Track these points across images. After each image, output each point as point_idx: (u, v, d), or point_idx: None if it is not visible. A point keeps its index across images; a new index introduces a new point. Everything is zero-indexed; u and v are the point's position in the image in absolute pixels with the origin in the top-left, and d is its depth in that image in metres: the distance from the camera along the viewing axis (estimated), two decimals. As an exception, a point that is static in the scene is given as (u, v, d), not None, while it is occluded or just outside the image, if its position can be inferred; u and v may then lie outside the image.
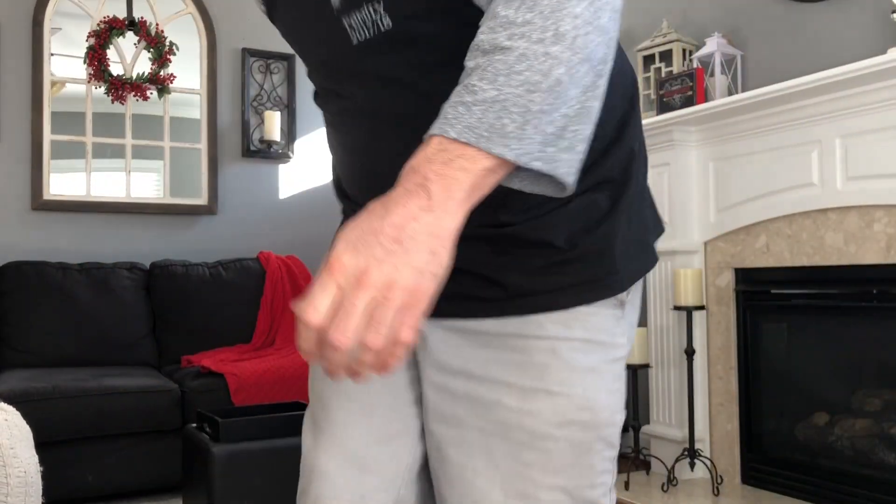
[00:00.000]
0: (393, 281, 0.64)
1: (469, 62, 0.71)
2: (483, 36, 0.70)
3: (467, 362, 0.87)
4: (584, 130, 0.72)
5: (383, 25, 0.80)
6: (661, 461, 3.10)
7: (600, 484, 0.89)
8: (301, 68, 4.31)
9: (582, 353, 0.85)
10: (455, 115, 0.68)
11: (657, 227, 0.96)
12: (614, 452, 0.91)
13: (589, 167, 0.80)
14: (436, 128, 0.69)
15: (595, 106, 0.73)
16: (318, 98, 0.98)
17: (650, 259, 0.92)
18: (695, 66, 3.12)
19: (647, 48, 3.38)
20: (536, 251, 0.84)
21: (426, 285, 0.65)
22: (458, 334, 0.88)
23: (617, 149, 0.87)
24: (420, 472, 0.96)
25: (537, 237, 0.83)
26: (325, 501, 0.94)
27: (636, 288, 0.90)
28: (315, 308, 0.63)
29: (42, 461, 1.41)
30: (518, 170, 0.71)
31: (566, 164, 0.71)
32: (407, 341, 0.65)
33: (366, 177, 0.92)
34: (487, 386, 0.86)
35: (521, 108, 0.68)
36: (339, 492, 0.94)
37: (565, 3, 0.68)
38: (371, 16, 0.81)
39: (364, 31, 0.82)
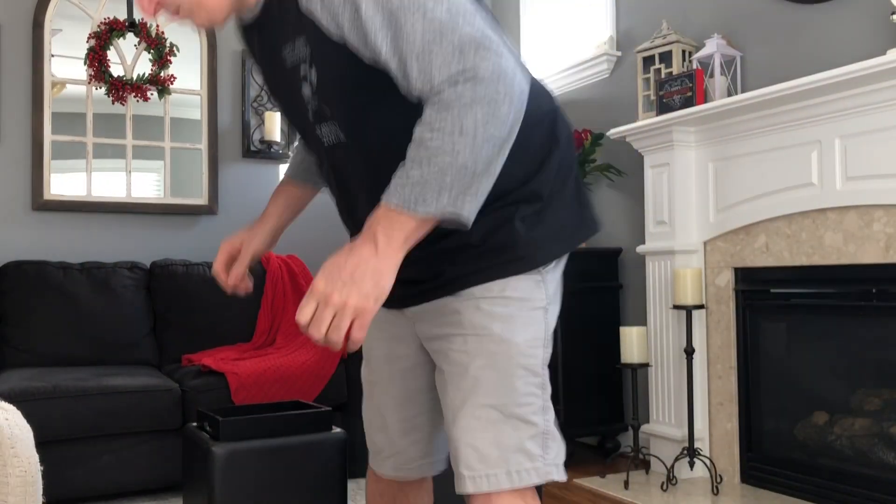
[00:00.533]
0: (346, 302, 1.04)
1: (409, 149, 1.05)
2: (416, 130, 1.05)
3: (433, 329, 1.27)
4: (487, 184, 1.07)
5: (341, 137, 1.20)
6: (661, 460, 3.10)
7: (527, 403, 1.20)
8: (301, 69, 4.32)
9: (500, 306, 1.20)
10: (395, 190, 1.05)
11: (584, 226, 1.31)
12: (539, 380, 1.23)
13: (509, 192, 1.19)
14: (384, 197, 1.05)
15: (497, 167, 1.08)
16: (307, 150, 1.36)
17: (566, 247, 1.28)
18: (694, 67, 3.13)
19: (646, 49, 3.38)
20: (460, 250, 1.21)
21: (369, 304, 1.05)
22: (428, 314, 1.28)
23: (536, 179, 1.22)
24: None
25: (459, 241, 1.20)
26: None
27: (556, 264, 1.28)
28: (303, 314, 1.05)
29: (42, 460, 1.41)
30: None
31: (470, 211, 1.06)
32: (356, 337, 1.06)
33: (345, 213, 1.35)
34: (443, 340, 1.25)
35: (438, 183, 1.03)
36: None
37: (468, 108, 1.01)
38: (333, 129, 1.20)
39: (330, 138, 1.22)
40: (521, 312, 1.22)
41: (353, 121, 1.17)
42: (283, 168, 4.27)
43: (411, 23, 1.03)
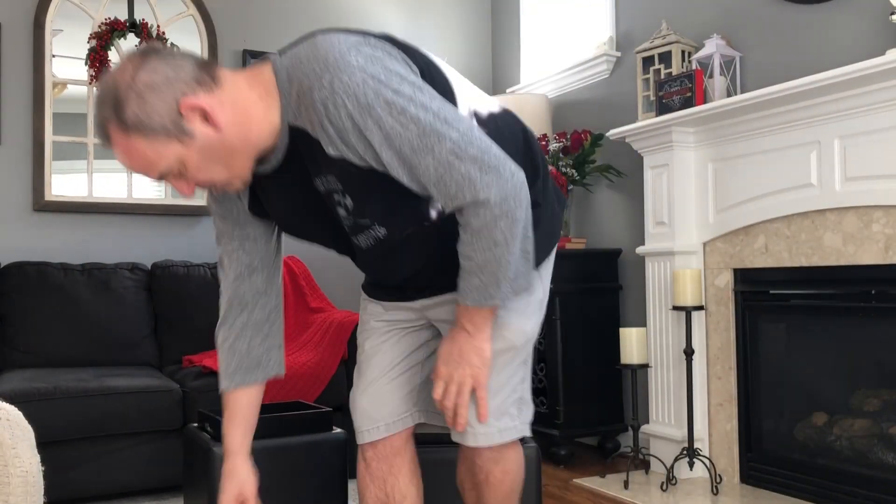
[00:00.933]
0: (462, 377, 1.45)
1: (462, 261, 1.36)
2: (460, 248, 1.35)
3: (447, 315, 1.57)
4: (530, 249, 1.44)
5: (380, 235, 1.42)
6: (661, 460, 3.10)
7: (517, 376, 1.57)
8: (302, 69, 4.33)
9: (514, 301, 1.51)
10: (466, 295, 1.39)
11: (560, 219, 1.62)
12: (525, 356, 1.58)
13: None
14: (461, 299, 1.41)
15: (530, 233, 1.42)
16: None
17: (554, 241, 1.59)
18: (694, 67, 3.13)
19: (646, 50, 3.39)
20: None
21: (481, 371, 1.45)
22: (440, 304, 1.57)
23: (533, 190, 1.46)
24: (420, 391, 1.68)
25: None
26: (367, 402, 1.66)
27: (546, 262, 1.58)
28: (437, 393, 1.47)
29: (44, 461, 1.42)
30: None
31: (526, 283, 1.49)
32: (480, 395, 1.47)
33: (381, 273, 1.58)
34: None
35: (495, 282, 1.36)
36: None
37: (493, 227, 1.29)
38: (372, 233, 1.42)
39: (369, 242, 1.45)
40: (528, 306, 1.54)
41: (391, 219, 1.40)
42: (283, 169, 4.28)
43: (424, 164, 1.26)
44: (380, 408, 1.65)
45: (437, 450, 2.09)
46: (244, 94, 1.30)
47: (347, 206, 1.37)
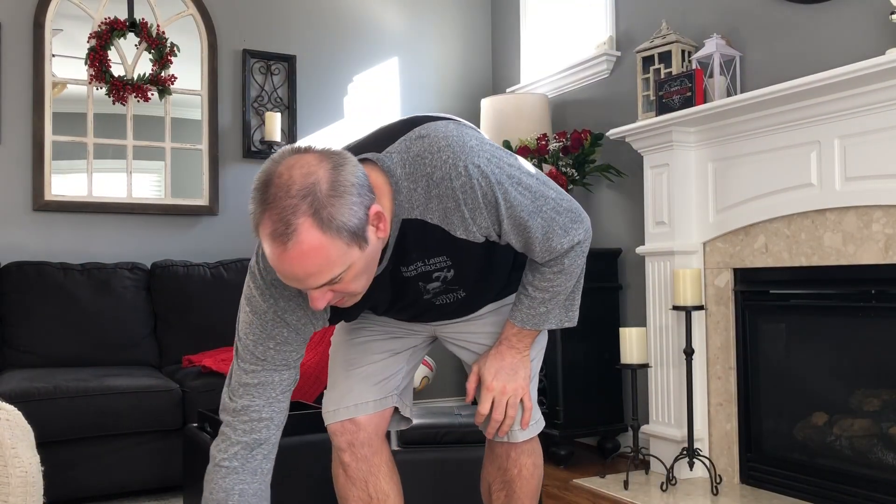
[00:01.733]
0: (515, 389, 1.60)
1: (532, 286, 1.53)
2: (538, 278, 1.52)
3: (461, 328, 1.71)
4: (579, 295, 1.60)
5: (459, 296, 1.55)
6: (661, 461, 3.10)
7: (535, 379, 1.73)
8: (301, 69, 4.33)
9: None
10: (525, 319, 1.56)
11: None
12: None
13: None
14: (516, 321, 1.57)
15: (582, 279, 1.58)
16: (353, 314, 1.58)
17: None
18: (694, 67, 3.13)
19: (646, 49, 3.39)
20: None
21: (526, 383, 1.61)
22: (457, 323, 1.71)
23: None
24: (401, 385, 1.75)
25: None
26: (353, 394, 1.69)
27: None
28: (485, 407, 1.59)
29: (43, 461, 1.42)
30: None
31: (576, 315, 1.61)
32: (527, 405, 1.62)
33: (399, 314, 1.63)
34: (480, 335, 1.71)
35: (557, 311, 1.56)
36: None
37: (575, 266, 1.51)
38: (451, 296, 1.54)
39: (445, 300, 1.55)
40: None
41: (477, 282, 1.55)
42: (283, 168, 4.28)
43: (534, 224, 1.41)
44: (369, 388, 1.68)
45: (439, 450, 2.09)
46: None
47: (446, 278, 1.49)
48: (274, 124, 4.16)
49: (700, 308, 3.01)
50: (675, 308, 3.02)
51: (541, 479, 1.77)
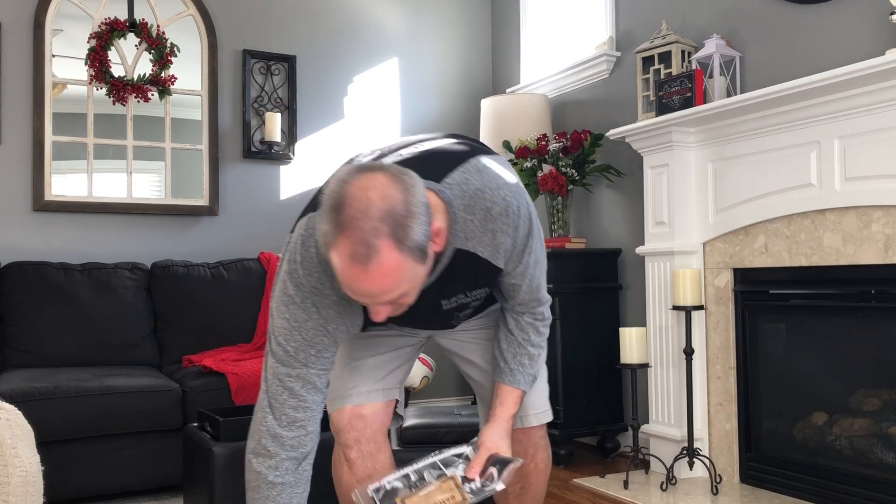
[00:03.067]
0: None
1: (529, 347, 1.70)
2: (526, 336, 1.70)
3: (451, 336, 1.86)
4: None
5: (467, 314, 1.67)
6: (661, 460, 3.11)
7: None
8: (301, 69, 4.33)
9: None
10: (522, 382, 1.70)
11: None
12: None
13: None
14: (515, 385, 1.69)
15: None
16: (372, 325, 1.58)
17: None
18: (694, 67, 3.13)
19: (646, 50, 3.39)
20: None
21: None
22: (456, 331, 1.83)
23: None
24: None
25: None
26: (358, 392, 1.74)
27: None
28: (479, 467, 1.58)
29: (43, 461, 1.42)
30: None
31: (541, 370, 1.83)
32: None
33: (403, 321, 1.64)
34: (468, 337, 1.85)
35: (537, 370, 1.74)
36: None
37: (548, 321, 1.73)
38: (465, 314, 1.67)
39: (460, 317, 1.67)
40: None
41: (483, 302, 1.69)
42: (283, 169, 4.28)
43: (533, 274, 1.61)
44: (376, 380, 1.75)
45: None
46: None
47: (477, 307, 1.68)
48: (274, 124, 4.16)
49: (700, 308, 3.01)
50: (675, 308, 3.02)
51: (549, 473, 1.89)
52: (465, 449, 1.63)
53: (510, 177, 1.51)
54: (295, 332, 1.46)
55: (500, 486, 1.54)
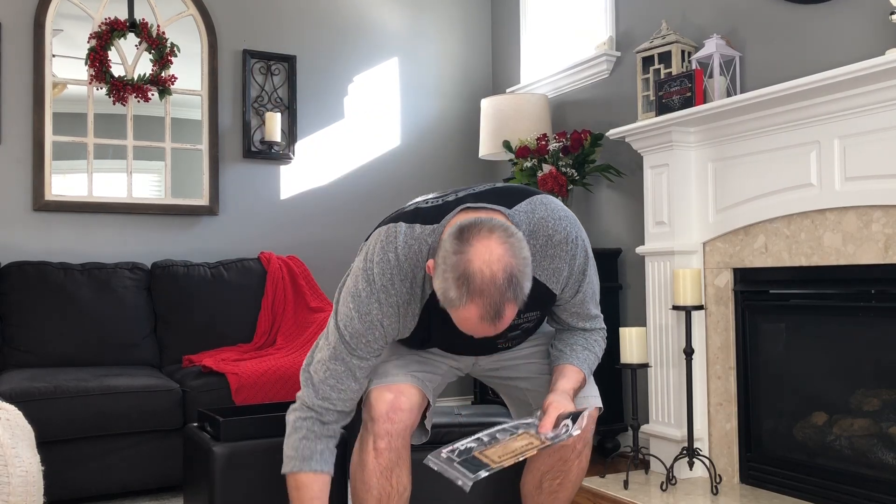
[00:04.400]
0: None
1: (583, 346, 1.88)
2: (592, 342, 1.89)
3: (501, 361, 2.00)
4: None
5: (516, 344, 1.89)
6: (660, 460, 3.11)
7: None
8: (301, 69, 4.33)
9: None
10: (582, 365, 1.84)
11: None
12: None
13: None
14: (578, 365, 1.84)
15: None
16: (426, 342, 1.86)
17: None
18: (693, 67, 3.13)
19: (646, 49, 3.39)
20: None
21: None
22: (493, 359, 1.99)
23: None
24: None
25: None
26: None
27: None
28: (551, 423, 1.64)
29: (43, 460, 1.42)
30: None
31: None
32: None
33: (444, 347, 1.89)
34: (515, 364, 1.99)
35: (591, 369, 1.89)
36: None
37: (595, 336, 1.92)
38: (514, 342, 1.88)
39: (507, 344, 1.87)
40: None
41: (531, 328, 1.86)
42: (283, 169, 4.28)
43: (581, 296, 1.83)
44: (416, 381, 1.88)
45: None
46: None
47: (528, 329, 1.84)
48: (274, 124, 4.16)
49: (700, 308, 3.01)
50: (675, 308, 3.02)
51: (586, 471, 1.97)
52: (530, 420, 1.69)
53: (570, 213, 1.77)
54: (356, 320, 1.70)
55: (576, 431, 1.60)
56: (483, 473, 1.56)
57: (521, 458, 1.59)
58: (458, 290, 1.48)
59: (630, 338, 3.09)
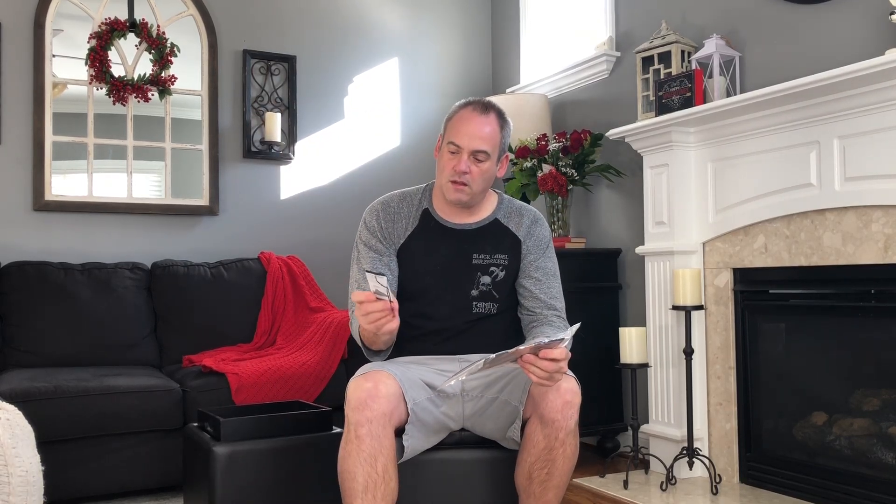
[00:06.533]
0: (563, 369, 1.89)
1: (548, 328, 2.23)
2: (548, 331, 2.19)
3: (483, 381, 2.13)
4: None
5: (492, 310, 2.15)
6: (660, 460, 3.11)
7: None
8: (301, 69, 4.33)
9: None
10: (553, 331, 2.16)
11: None
12: None
13: None
14: (563, 344, 1.89)
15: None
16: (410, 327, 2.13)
17: None
18: (693, 67, 3.13)
19: (645, 50, 3.39)
20: None
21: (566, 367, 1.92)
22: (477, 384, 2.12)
23: None
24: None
25: None
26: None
27: None
28: (558, 367, 1.86)
29: (44, 460, 1.42)
30: None
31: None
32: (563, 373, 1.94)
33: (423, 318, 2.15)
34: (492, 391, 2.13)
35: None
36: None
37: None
38: (487, 306, 2.15)
39: (482, 308, 2.14)
40: None
41: (508, 308, 2.17)
42: (283, 169, 4.28)
43: (548, 268, 2.22)
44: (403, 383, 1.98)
45: (439, 451, 2.10)
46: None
47: (498, 276, 2.13)
48: (274, 124, 4.16)
49: (700, 308, 3.01)
50: (675, 308, 3.02)
51: (576, 460, 2.00)
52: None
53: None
54: (364, 230, 2.16)
55: (559, 338, 1.81)
56: (491, 356, 1.75)
57: (515, 358, 1.80)
58: (461, 103, 2.06)
59: (630, 338, 3.09)
